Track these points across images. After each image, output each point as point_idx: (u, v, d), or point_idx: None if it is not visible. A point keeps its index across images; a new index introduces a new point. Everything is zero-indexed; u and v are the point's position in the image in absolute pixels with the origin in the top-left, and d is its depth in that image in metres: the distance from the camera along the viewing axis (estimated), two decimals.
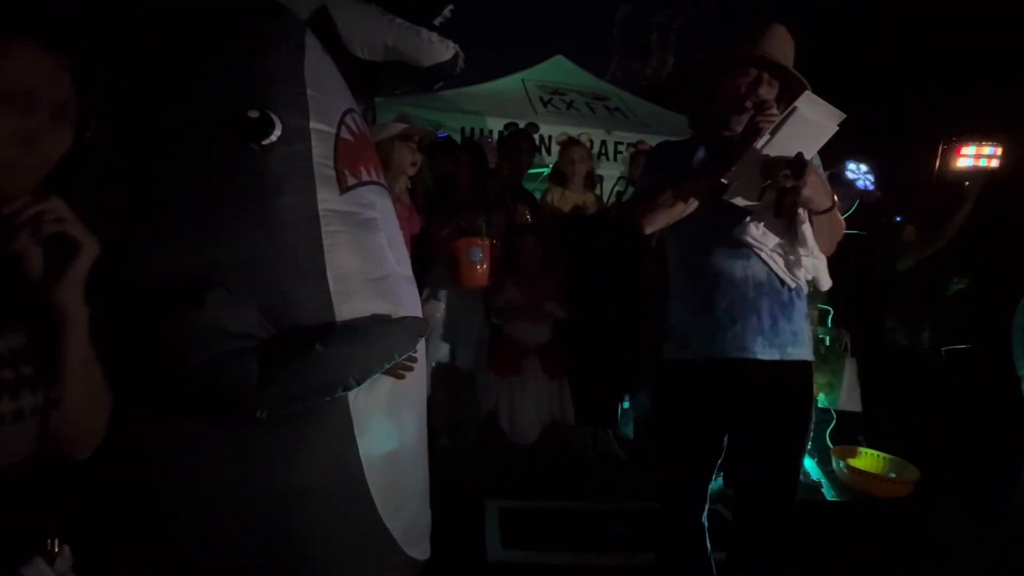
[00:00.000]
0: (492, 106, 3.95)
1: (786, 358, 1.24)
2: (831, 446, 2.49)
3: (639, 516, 2.04)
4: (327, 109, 1.00)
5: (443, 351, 2.31)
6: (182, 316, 0.82)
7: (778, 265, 1.22)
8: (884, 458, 2.42)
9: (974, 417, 2.64)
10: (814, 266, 1.25)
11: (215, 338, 0.82)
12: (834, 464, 2.42)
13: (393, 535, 1.07)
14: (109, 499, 0.89)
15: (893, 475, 2.34)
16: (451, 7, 2.03)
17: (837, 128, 1.13)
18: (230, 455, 0.89)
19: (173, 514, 0.90)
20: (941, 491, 2.30)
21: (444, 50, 1.75)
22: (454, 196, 2.33)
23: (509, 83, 4.39)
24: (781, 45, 1.24)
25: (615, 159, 3.92)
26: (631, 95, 4.81)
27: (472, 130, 3.74)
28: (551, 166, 3.04)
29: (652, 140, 3.46)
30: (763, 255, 1.21)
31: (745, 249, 1.21)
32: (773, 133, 1.09)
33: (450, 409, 2.41)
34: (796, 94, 1.22)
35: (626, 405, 2.78)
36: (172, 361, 0.81)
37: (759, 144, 1.11)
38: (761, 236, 1.18)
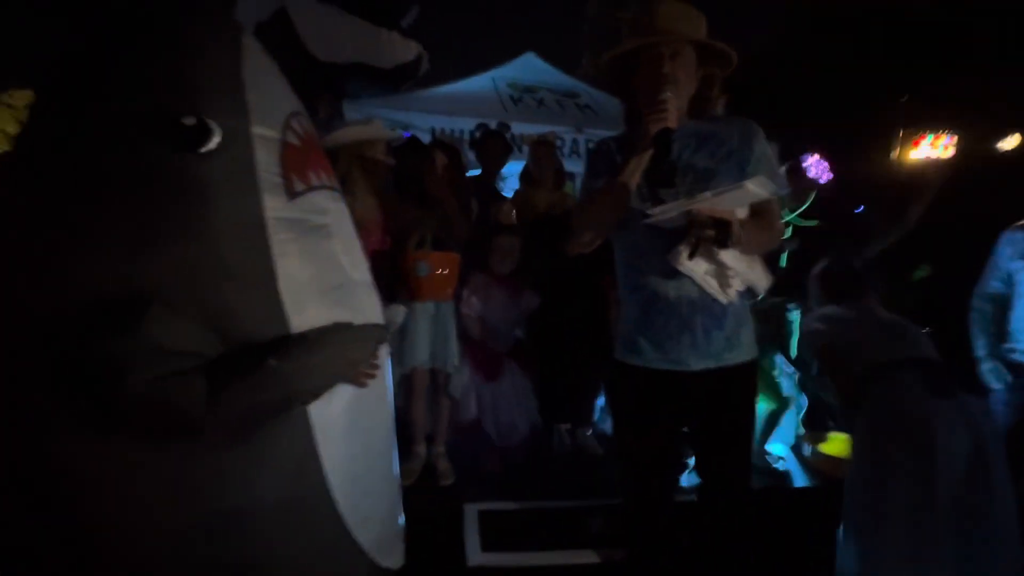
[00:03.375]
0: (462, 105, 3.94)
1: (722, 364, 1.30)
2: (802, 432, 2.57)
3: (619, 511, 2.07)
4: (269, 113, 0.97)
5: (420, 356, 2.29)
6: (119, 335, 0.78)
7: (710, 286, 1.27)
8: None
9: None
10: (744, 280, 1.30)
11: (155, 357, 0.79)
12: (804, 449, 2.49)
13: (362, 546, 1.06)
14: (35, 531, 0.85)
15: None
16: (417, 8, 2.02)
17: (768, 196, 1.19)
18: (178, 475, 0.86)
19: (113, 546, 0.87)
20: None
21: (406, 51, 1.74)
22: (424, 196, 2.30)
23: (479, 82, 4.39)
24: (674, 17, 1.24)
25: (586, 156, 3.96)
26: (602, 92, 4.85)
27: (443, 130, 3.73)
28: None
29: None
30: (696, 279, 1.26)
31: (678, 271, 1.25)
32: (715, 195, 1.13)
33: (427, 414, 2.40)
34: (719, 57, 1.27)
35: (603, 401, 2.81)
36: (109, 384, 0.78)
37: (696, 200, 1.15)
38: (692, 263, 1.22)
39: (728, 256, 1.24)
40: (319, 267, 0.98)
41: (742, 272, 1.28)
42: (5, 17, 1.00)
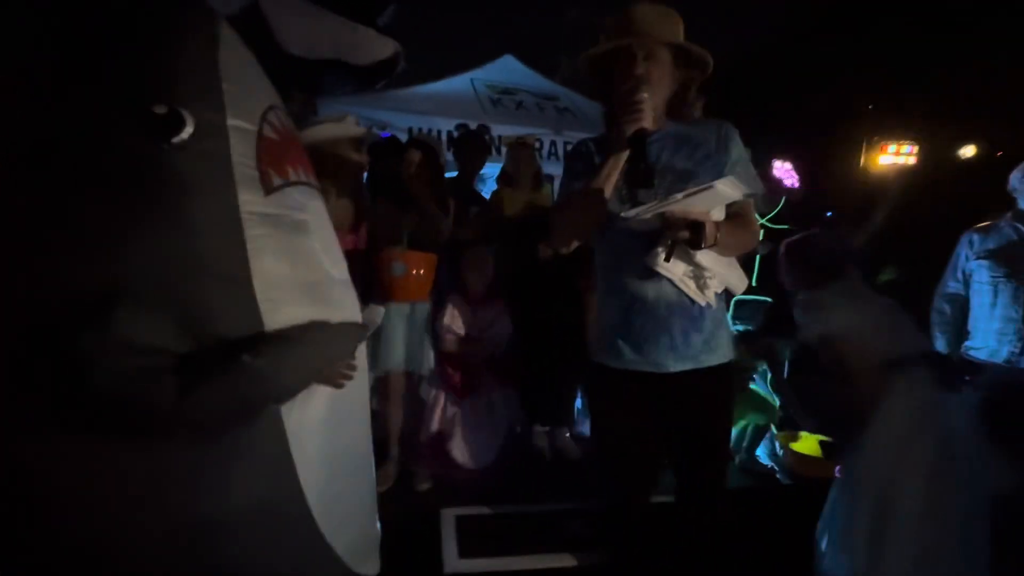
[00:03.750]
0: (441, 106, 3.92)
1: (700, 366, 1.32)
2: (775, 432, 2.62)
3: (598, 514, 2.07)
4: (246, 105, 0.95)
5: (396, 359, 2.26)
6: (85, 330, 0.75)
7: (688, 288, 1.28)
8: (822, 441, 2.57)
9: None
10: (722, 281, 1.32)
11: (123, 352, 0.76)
12: (777, 449, 2.55)
13: (337, 552, 1.04)
14: (6, 537, 0.82)
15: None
16: (394, 7, 2.01)
17: (739, 197, 1.21)
18: (146, 480, 0.83)
19: (87, 553, 0.83)
20: None
21: (383, 47, 1.72)
22: (402, 196, 2.27)
23: (458, 83, 4.37)
24: (650, 20, 1.25)
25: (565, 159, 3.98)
26: (581, 95, 4.89)
27: (420, 130, 3.70)
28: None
29: None
30: (674, 280, 1.27)
31: (656, 273, 1.26)
32: (685, 196, 1.14)
33: (402, 419, 2.36)
34: (696, 60, 1.28)
35: (580, 404, 2.81)
36: (75, 379, 0.75)
37: (668, 201, 1.16)
38: (670, 265, 1.24)
39: (705, 258, 1.25)
40: (296, 264, 0.96)
41: (719, 273, 1.30)
42: None
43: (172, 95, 0.85)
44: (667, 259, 1.20)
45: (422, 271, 2.11)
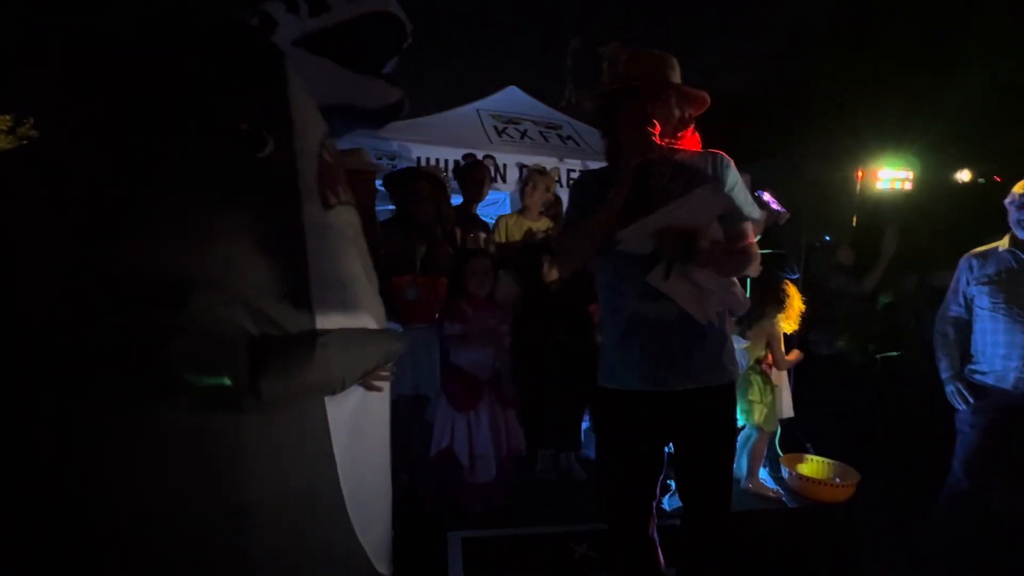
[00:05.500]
0: (448, 136, 4.05)
1: (702, 385, 1.36)
2: (781, 454, 2.61)
3: (603, 536, 2.06)
4: (309, 131, 1.10)
5: (405, 384, 2.29)
6: (166, 307, 0.84)
7: (689, 307, 1.34)
8: (828, 463, 2.56)
9: (908, 418, 2.85)
10: (722, 301, 1.37)
11: (199, 330, 0.85)
12: (783, 472, 2.54)
13: (364, 547, 1.12)
14: (49, 521, 0.87)
15: (837, 480, 2.48)
16: (396, 59, 2.22)
17: (727, 205, 1.32)
18: (193, 465, 0.90)
19: (115, 529, 0.88)
20: (880, 493, 2.46)
21: (392, 93, 1.91)
22: (412, 226, 2.35)
23: (464, 113, 4.51)
24: (655, 63, 1.38)
25: (567, 186, 4.06)
26: (583, 123, 5.02)
27: (427, 160, 3.81)
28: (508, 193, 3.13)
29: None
30: (675, 299, 1.33)
31: (657, 292, 1.33)
32: (673, 210, 1.23)
33: (410, 443, 2.38)
34: (695, 101, 1.39)
35: (587, 425, 2.82)
36: (150, 354, 0.83)
37: (656, 216, 1.24)
38: (670, 283, 1.31)
39: (705, 277, 1.29)
40: (345, 273, 1.09)
41: (720, 293, 1.34)
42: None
43: (255, 116, 1.00)
44: (666, 276, 1.24)
45: (434, 296, 2.17)
